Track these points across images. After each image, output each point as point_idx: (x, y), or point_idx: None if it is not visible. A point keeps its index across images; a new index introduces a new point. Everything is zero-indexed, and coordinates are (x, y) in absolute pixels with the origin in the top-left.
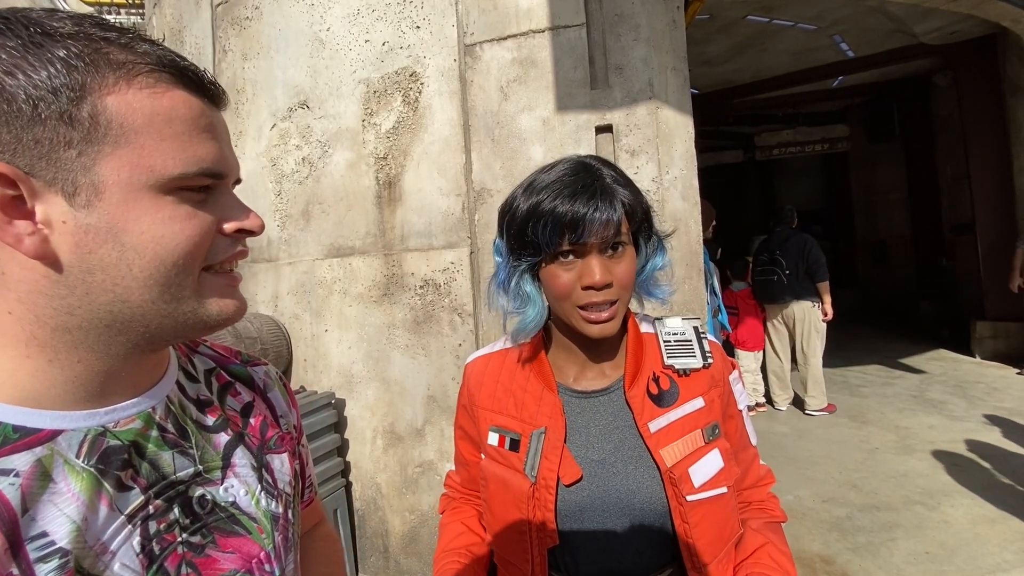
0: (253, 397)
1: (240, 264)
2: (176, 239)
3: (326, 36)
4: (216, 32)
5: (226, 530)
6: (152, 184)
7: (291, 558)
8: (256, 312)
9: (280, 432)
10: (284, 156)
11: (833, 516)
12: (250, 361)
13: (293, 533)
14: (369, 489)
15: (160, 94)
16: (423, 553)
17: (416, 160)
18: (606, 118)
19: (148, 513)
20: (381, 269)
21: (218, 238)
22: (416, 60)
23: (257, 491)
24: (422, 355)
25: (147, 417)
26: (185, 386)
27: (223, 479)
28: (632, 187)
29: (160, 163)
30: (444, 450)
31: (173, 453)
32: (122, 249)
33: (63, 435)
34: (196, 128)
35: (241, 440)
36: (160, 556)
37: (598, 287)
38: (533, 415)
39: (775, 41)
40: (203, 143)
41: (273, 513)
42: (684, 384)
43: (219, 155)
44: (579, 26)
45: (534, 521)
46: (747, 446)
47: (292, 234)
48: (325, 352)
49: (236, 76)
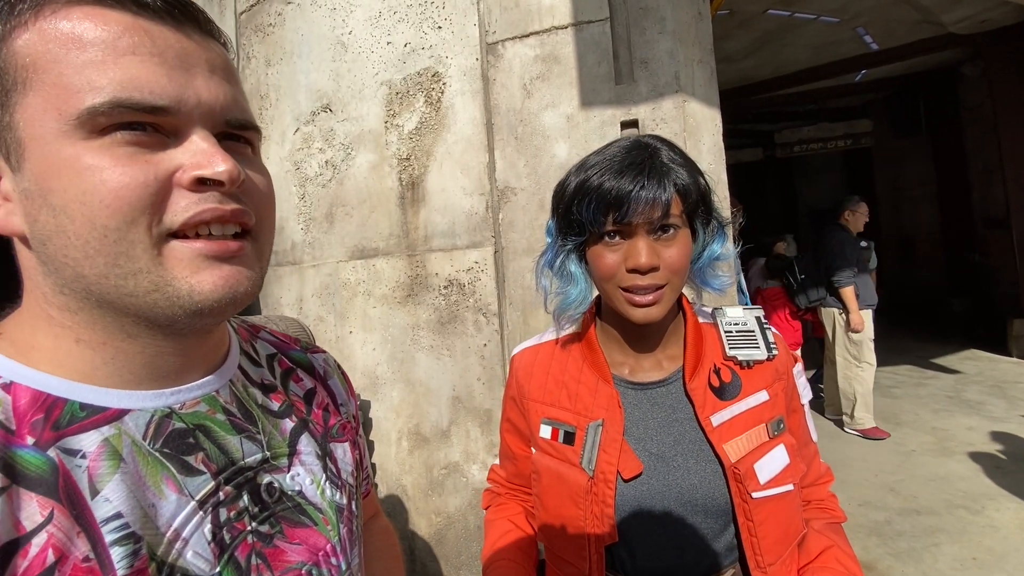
0: (315, 384)
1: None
2: (99, 192)
3: (348, 39)
4: (240, 39)
5: (293, 520)
6: (67, 130)
7: (356, 551)
8: (282, 315)
9: (341, 420)
10: (307, 159)
11: (871, 520)
12: (309, 348)
13: (357, 526)
14: (395, 491)
15: (78, 21)
16: (449, 556)
17: (439, 160)
18: (631, 113)
19: (219, 500)
20: (405, 270)
21: (176, 192)
22: (438, 60)
23: (322, 480)
24: (447, 356)
25: (212, 400)
26: (248, 370)
27: (290, 467)
28: (691, 167)
29: (67, 99)
30: (470, 452)
31: (240, 438)
32: (55, 213)
33: (130, 415)
34: (116, 50)
35: (306, 427)
36: (231, 545)
37: (643, 270)
38: (589, 407)
39: (796, 35)
40: (127, 66)
41: (338, 504)
42: (747, 376)
43: (153, 81)
44: (603, 21)
45: (592, 517)
46: (809, 442)
47: (316, 237)
48: (350, 354)
49: (260, 82)
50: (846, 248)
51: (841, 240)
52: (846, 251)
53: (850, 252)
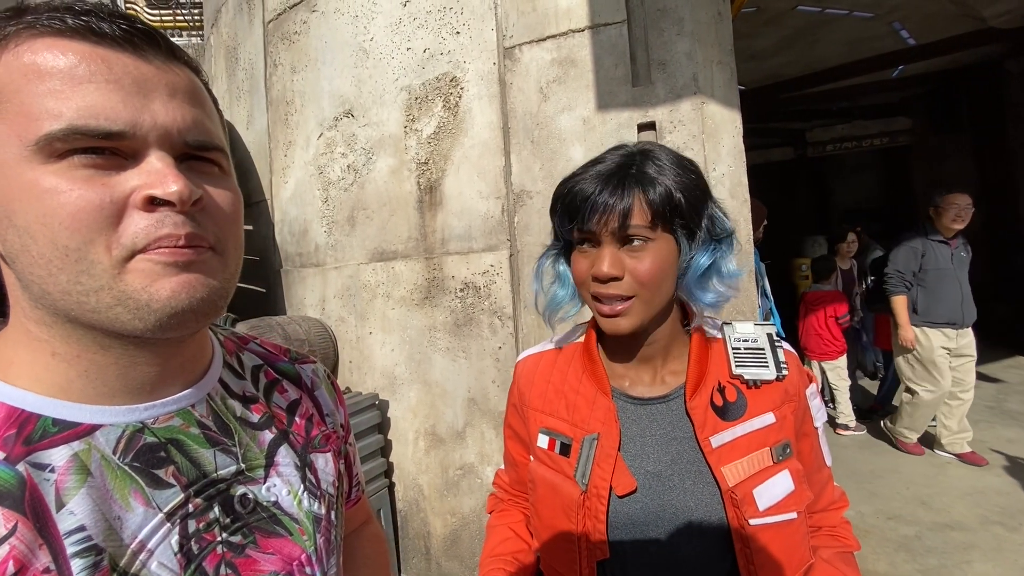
0: (300, 395)
1: (289, 269)
2: (58, 215)
3: (369, 46)
4: (267, 47)
5: (267, 530)
6: (27, 156)
7: (333, 561)
8: (304, 315)
9: (326, 431)
10: (330, 164)
11: (900, 535)
12: (299, 359)
13: (335, 536)
14: (411, 490)
15: (39, 52)
16: (464, 556)
17: (456, 164)
18: (648, 115)
19: (187, 512)
20: (422, 272)
21: (133, 214)
22: (456, 65)
23: (300, 491)
24: (462, 358)
25: (187, 414)
26: (230, 383)
27: (266, 478)
28: (678, 178)
29: (25, 126)
30: (485, 453)
31: (215, 451)
32: (18, 233)
33: (101, 430)
34: (73, 79)
35: (285, 438)
36: (199, 556)
37: (602, 279)
38: (585, 419)
39: (828, 31)
40: (81, 95)
41: (315, 514)
42: (753, 397)
43: (107, 107)
44: (620, 23)
45: (583, 531)
46: (821, 467)
47: (338, 239)
48: (369, 354)
49: (286, 88)
50: (900, 251)
51: (902, 241)
52: (899, 254)
53: (905, 256)
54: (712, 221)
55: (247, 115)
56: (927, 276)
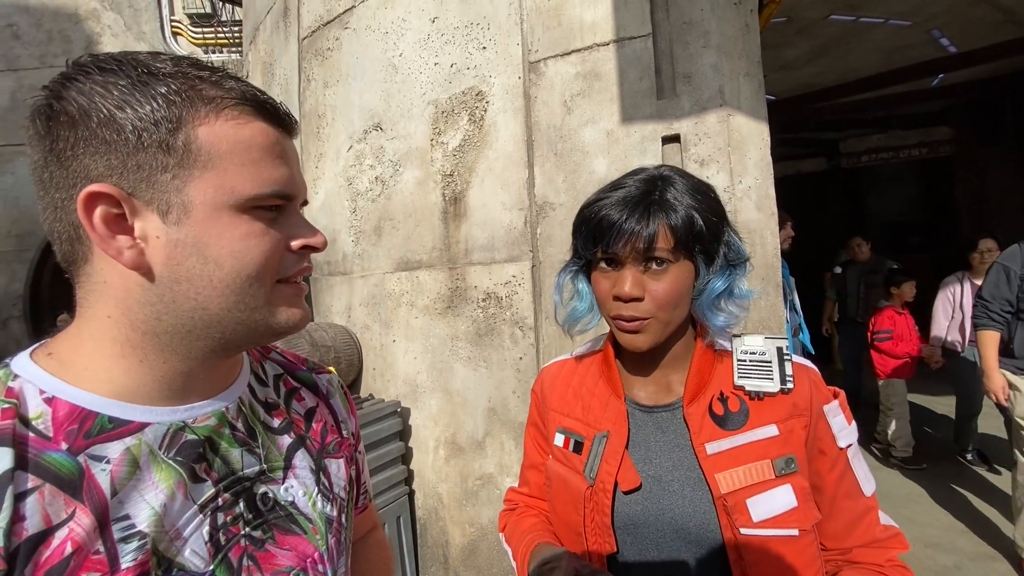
0: (317, 402)
1: (318, 277)
2: (251, 253)
3: (399, 61)
4: (301, 63)
5: (284, 528)
6: (232, 204)
7: (342, 561)
8: (331, 322)
9: (339, 438)
10: (359, 176)
11: (939, 564)
12: (316, 368)
13: (345, 537)
14: (431, 499)
15: (243, 124)
16: (482, 567)
17: (480, 176)
18: (673, 128)
19: (217, 505)
20: (446, 282)
21: (287, 254)
22: (482, 79)
23: (314, 493)
24: (483, 367)
25: (221, 416)
26: (255, 389)
27: (284, 479)
28: (700, 204)
29: (240, 185)
30: (504, 464)
31: (242, 451)
32: (205, 261)
33: (150, 427)
34: (271, 154)
35: (303, 443)
36: (225, 547)
37: (624, 299)
38: (598, 419)
39: (862, 40)
40: (276, 168)
41: (328, 516)
42: (756, 408)
43: (290, 178)
44: (645, 36)
45: (591, 524)
46: (853, 494)
47: (365, 249)
48: (392, 362)
49: (318, 103)
50: (1000, 275)
51: (999, 263)
52: (999, 279)
53: (994, 279)
54: (728, 247)
55: None
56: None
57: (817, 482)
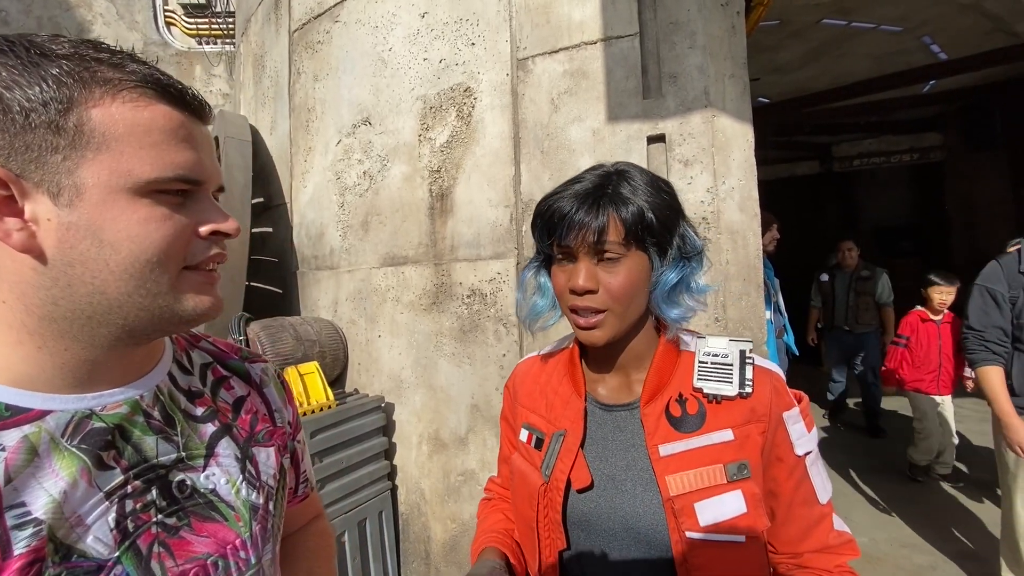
0: (248, 391)
1: (305, 271)
2: (151, 238)
3: (388, 56)
4: (292, 56)
5: (203, 515)
6: (129, 187)
7: (268, 548)
8: (317, 316)
9: (271, 427)
10: (347, 170)
11: (914, 564)
12: (249, 358)
13: (273, 525)
14: (413, 494)
15: (142, 107)
16: (463, 563)
17: (467, 173)
18: (658, 127)
19: (126, 492)
20: (431, 278)
21: (196, 240)
22: (470, 76)
23: (239, 481)
24: (467, 364)
25: (134, 404)
26: (177, 377)
27: (205, 467)
28: (652, 197)
29: (138, 168)
30: (486, 460)
31: (157, 439)
32: (100, 245)
33: (51, 415)
34: (174, 138)
35: (228, 431)
36: (133, 533)
37: (578, 292)
38: (559, 416)
39: (854, 45)
40: (180, 152)
41: (253, 503)
42: (714, 412)
43: (196, 163)
44: (632, 36)
45: (543, 519)
46: (809, 501)
47: (352, 243)
48: (377, 357)
49: (308, 96)
50: (985, 300)
51: (980, 281)
52: (986, 304)
53: (980, 303)
54: (683, 240)
55: (271, 121)
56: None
57: (774, 488)
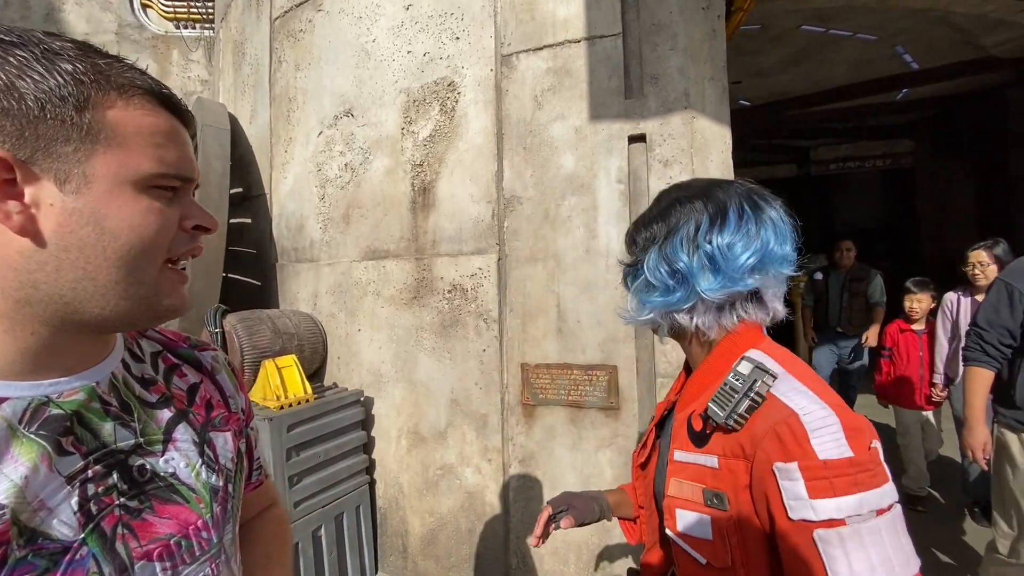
0: (201, 379)
1: (284, 264)
2: (149, 228)
3: (371, 47)
4: (273, 44)
5: (164, 498)
6: (135, 180)
7: (229, 528)
8: (296, 309)
9: (227, 412)
10: (329, 162)
11: None
12: (198, 346)
13: (233, 506)
14: (392, 488)
15: (148, 113)
16: (440, 556)
17: (450, 167)
18: (639, 127)
19: (87, 476)
20: (412, 273)
21: (179, 233)
22: (454, 70)
23: (198, 464)
24: (447, 359)
25: (90, 390)
26: (130, 365)
27: (164, 452)
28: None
29: (144, 164)
30: (465, 455)
31: (115, 424)
32: (101, 232)
33: (8, 402)
34: (172, 141)
35: (184, 417)
36: (97, 516)
37: None
38: (662, 405)
39: (833, 51)
40: (175, 152)
41: (213, 485)
42: (715, 434)
43: (188, 163)
44: (615, 36)
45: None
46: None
47: (333, 236)
48: (357, 351)
49: (289, 85)
50: (1001, 296)
51: (1002, 276)
52: (999, 302)
53: (994, 300)
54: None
55: (251, 109)
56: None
57: (776, 540)
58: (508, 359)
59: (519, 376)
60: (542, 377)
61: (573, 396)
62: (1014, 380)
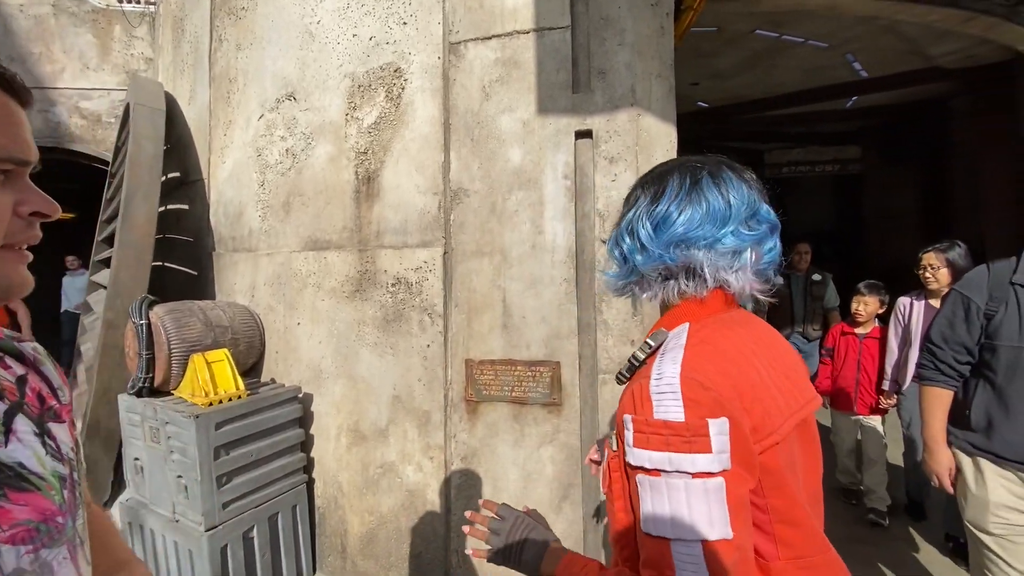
0: (26, 370)
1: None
2: None
3: (316, 29)
4: (214, 22)
5: (15, 487)
6: None
7: (79, 513)
8: (231, 301)
9: (58, 404)
10: (269, 147)
11: None
12: (16, 337)
13: (79, 492)
14: (331, 487)
15: None
16: (379, 556)
17: (396, 156)
18: (586, 123)
19: None
20: (355, 265)
21: (15, 220)
22: (401, 56)
23: (43, 454)
24: (390, 354)
25: None
26: None
27: (7, 443)
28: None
29: None
30: (406, 452)
31: None
32: None
33: None
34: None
35: (20, 408)
36: None
37: None
38: None
39: (786, 57)
40: (9, 134)
41: (60, 474)
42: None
43: (21, 144)
44: (564, 28)
45: None
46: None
47: (272, 225)
48: (296, 345)
49: (229, 65)
50: (956, 309)
51: (958, 287)
52: (955, 315)
53: (950, 311)
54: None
55: (190, 89)
56: (999, 361)
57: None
58: (452, 355)
59: (463, 372)
60: (486, 373)
61: (517, 392)
62: (969, 399)
